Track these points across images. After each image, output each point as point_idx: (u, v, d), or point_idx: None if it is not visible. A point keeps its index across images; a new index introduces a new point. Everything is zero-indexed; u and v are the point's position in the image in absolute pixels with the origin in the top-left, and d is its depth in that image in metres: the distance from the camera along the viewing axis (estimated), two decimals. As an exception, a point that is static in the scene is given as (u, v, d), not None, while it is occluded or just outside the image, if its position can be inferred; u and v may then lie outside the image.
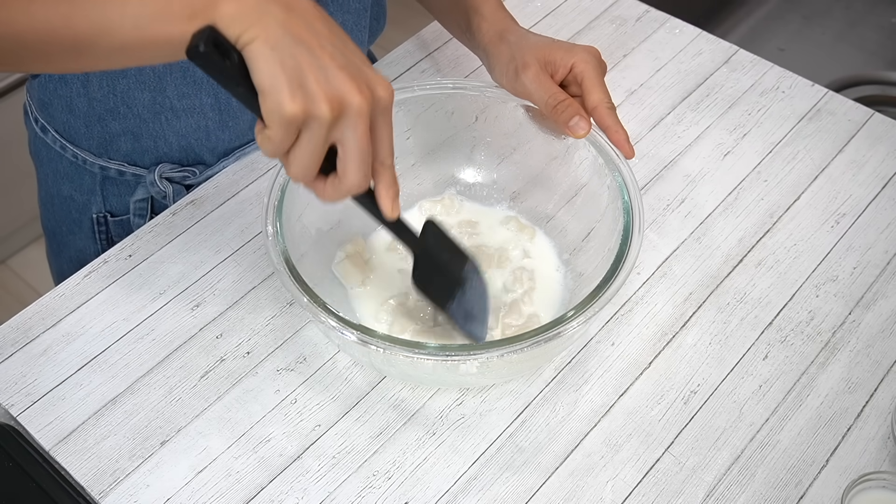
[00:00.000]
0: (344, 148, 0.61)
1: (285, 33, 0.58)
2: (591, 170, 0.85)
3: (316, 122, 0.59)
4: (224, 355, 0.84)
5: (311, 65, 0.58)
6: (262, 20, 0.58)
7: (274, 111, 0.58)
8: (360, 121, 0.60)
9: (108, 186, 0.99)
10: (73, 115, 0.94)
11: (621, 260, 0.76)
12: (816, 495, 0.77)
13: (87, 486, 0.76)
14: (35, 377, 0.82)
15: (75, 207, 1.02)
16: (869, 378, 0.84)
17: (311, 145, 0.60)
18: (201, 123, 0.94)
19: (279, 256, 0.75)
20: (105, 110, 0.92)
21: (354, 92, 0.59)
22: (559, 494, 0.77)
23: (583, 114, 0.82)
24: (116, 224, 1.01)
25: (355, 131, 0.60)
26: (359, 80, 0.60)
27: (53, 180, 1.02)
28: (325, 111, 0.58)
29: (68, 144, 0.97)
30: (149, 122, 0.93)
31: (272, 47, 0.58)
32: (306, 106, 0.58)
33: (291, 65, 0.58)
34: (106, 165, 0.97)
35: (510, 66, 0.85)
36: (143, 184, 0.97)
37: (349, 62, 0.60)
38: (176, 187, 0.97)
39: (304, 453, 0.79)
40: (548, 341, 0.72)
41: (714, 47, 1.12)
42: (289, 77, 0.58)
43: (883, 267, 0.92)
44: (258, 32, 0.57)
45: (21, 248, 2.06)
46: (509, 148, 0.91)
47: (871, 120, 1.05)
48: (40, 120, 0.98)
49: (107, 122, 0.93)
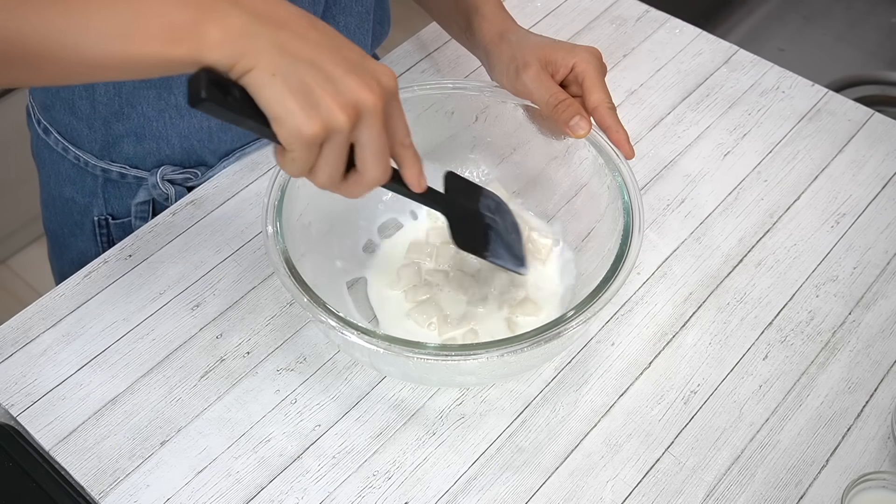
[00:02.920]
0: (362, 147, 0.61)
1: (282, 54, 0.56)
2: (592, 170, 0.85)
3: (336, 133, 0.58)
4: (224, 355, 0.84)
5: (316, 80, 0.57)
6: (253, 44, 0.56)
7: (293, 136, 0.57)
8: (376, 119, 0.60)
9: (109, 189, 0.99)
10: (76, 117, 0.94)
11: (621, 260, 0.76)
12: (816, 495, 0.77)
13: (87, 486, 0.76)
14: (35, 377, 0.82)
15: (77, 210, 1.02)
16: (869, 378, 0.84)
17: (335, 155, 0.60)
18: (204, 124, 0.94)
19: (279, 256, 0.75)
20: (109, 113, 0.92)
21: (365, 92, 0.59)
22: (559, 494, 0.77)
23: (583, 114, 0.82)
24: (118, 227, 1.01)
25: (372, 130, 0.60)
26: (365, 78, 0.59)
27: (55, 182, 1.02)
28: (344, 121, 0.58)
29: (70, 146, 0.97)
30: (153, 121, 0.93)
31: (273, 73, 0.56)
32: (324, 122, 0.57)
33: (298, 86, 0.56)
34: (108, 168, 0.97)
35: (511, 65, 0.85)
36: (144, 186, 0.97)
37: (350, 62, 0.59)
38: (178, 189, 0.97)
39: (304, 453, 0.79)
40: (548, 341, 0.72)
41: (714, 47, 1.12)
42: (298, 99, 0.56)
43: (883, 267, 0.92)
44: (254, 60, 0.56)
45: (21, 248, 2.06)
46: (509, 148, 0.91)
47: (871, 120, 1.05)
48: (42, 122, 0.98)
49: (110, 123, 0.93)
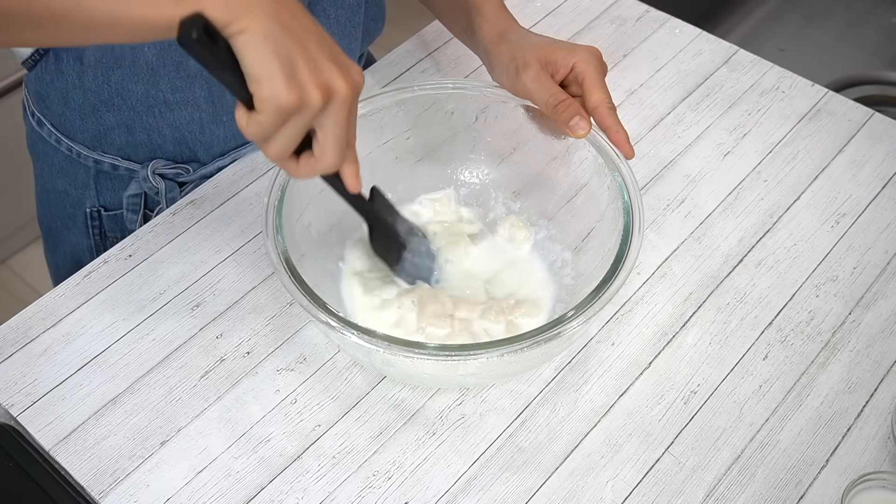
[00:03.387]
0: (325, 132, 0.64)
1: (275, 23, 0.59)
2: (592, 170, 0.85)
3: (307, 109, 0.61)
4: (224, 355, 0.84)
5: (301, 55, 0.60)
6: (251, 10, 0.59)
7: (269, 100, 0.60)
8: (344, 107, 0.63)
9: (101, 181, 0.99)
10: (69, 107, 0.94)
11: (621, 260, 0.76)
12: (816, 495, 0.77)
13: (87, 486, 0.76)
14: (35, 377, 0.82)
15: (69, 202, 1.02)
16: (869, 378, 0.84)
17: (296, 129, 0.63)
18: (195, 116, 0.94)
19: (279, 256, 0.75)
20: (99, 101, 0.92)
21: (340, 80, 0.62)
22: (559, 494, 0.77)
23: (583, 114, 0.82)
24: (110, 219, 1.01)
25: (338, 117, 0.63)
26: (342, 68, 0.63)
27: (48, 174, 1.02)
28: (317, 99, 0.61)
29: (63, 138, 0.97)
30: (142, 114, 0.93)
31: (264, 37, 0.59)
32: (300, 95, 0.60)
33: (284, 55, 0.60)
34: (100, 159, 0.97)
35: (511, 65, 0.85)
36: (136, 179, 0.98)
37: (332, 52, 0.63)
38: (168, 184, 0.97)
39: (304, 453, 0.79)
40: (548, 341, 0.72)
41: (714, 47, 1.12)
42: (282, 67, 0.59)
43: (883, 267, 0.92)
44: (249, 23, 0.59)
45: (21, 248, 2.06)
46: (509, 148, 0.91)
47: (871, 120, 1.05)
48: (37, 113, 0.98)
49: (101, 113, 0.94)
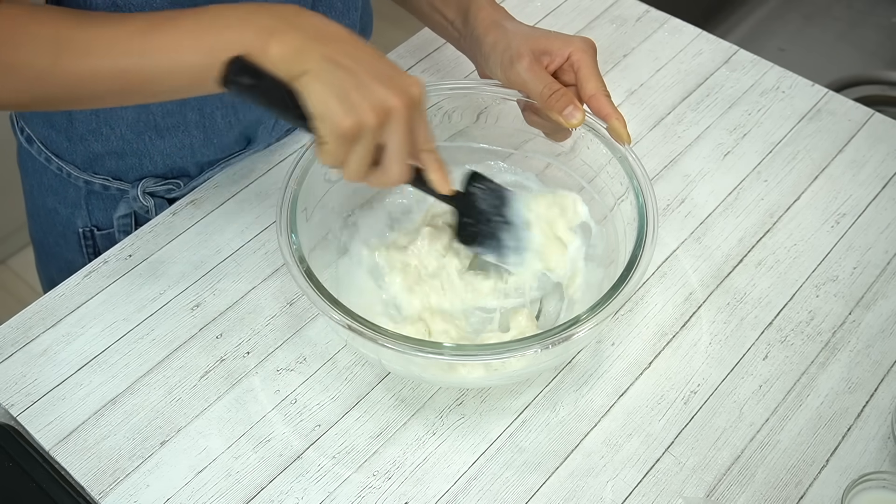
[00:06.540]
0: (387, 147, 0.69)
1: (328, 63, 0.67)
2: (596, 167, 0.85)
3: (366, 130, 0.67)
4: (224, 355, 0.84)
5: (352, 84, 0.67)
6: (306, 57, 0.67)
7: (332, 132, 0.67)
8: (401, 122, 0.68)
9: (93, 200, 0.98)
10: (55, 129, 0.93)
11: (633, 264, 0.75)
12: (816, 495, 0.77)
13: (87, 486, 0.76)
14: (35, 377, 0.82)
15: (59, 221, 1.00)
16: (869, 378, 0.84)
17: (363, 150, 0.68)
18: (185, 141, 0.93)
19: (291, 252, 0.75)
20: (87, 130, 0.91)
21: (392, 98, 0.67)
22: (559, 494, 0.77)
23: (576, 103, 0.82)
24: (103, 237, 1.00)
25: (397, 132, 0.68)
26: (394, 86, 0.68)
27: (38, 192, 1.00)
28: (373, 120, 0.67)
29: (53, 157, 0.96)
30: (132, 142, 0.92)
31: (319, 78, 0.66)
32: (356, 120, 0.66)
33: (338, 89, 0.66)
34: (90, 180, 0.96)
35: (504, 55, 0.84)
36: (125, 199, 0.96)
37: (382, 73, 0.68)
38: (158, 201, 0.96)
39: (305, 453, 0.79)
40: (555, 345, 0.72)
41: (714, 47, 1.12)
42: (338, 100, 0.66)
43: (883, 267, 0.92)
44: (306, 67, 0.66)
45: (21, 248, 2.06)
46: (510, 148, 0.91)
47: (871, 120, 1.05)
48: (26, 129, 0.97)
49: (89, 142, 0.92)
